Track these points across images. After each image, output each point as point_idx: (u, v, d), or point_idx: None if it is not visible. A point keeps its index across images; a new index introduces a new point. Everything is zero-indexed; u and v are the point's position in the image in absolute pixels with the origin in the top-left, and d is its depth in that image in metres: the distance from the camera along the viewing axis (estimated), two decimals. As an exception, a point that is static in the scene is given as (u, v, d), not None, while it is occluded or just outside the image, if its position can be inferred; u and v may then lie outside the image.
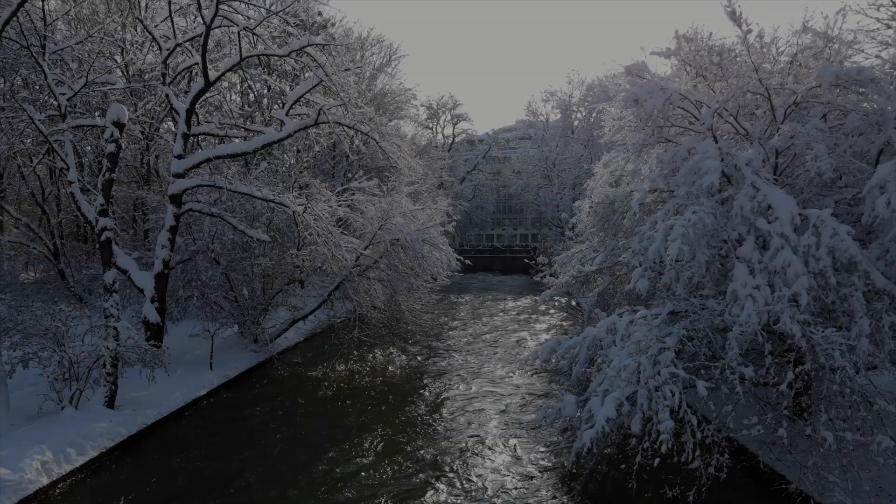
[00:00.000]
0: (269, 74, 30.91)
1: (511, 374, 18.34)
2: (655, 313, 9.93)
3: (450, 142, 69.08)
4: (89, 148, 24.86)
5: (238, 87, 32.29)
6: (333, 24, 40.02)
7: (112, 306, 13.43)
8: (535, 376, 17.58)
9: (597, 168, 14.44)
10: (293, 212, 16.92)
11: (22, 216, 25.54)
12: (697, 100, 11.52)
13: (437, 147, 61.40)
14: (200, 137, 20.04)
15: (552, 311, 32.99)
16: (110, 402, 13.26)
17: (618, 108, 12.27)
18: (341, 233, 25.67)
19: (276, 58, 18.55)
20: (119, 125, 13.60)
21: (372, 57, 45.27)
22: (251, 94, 32.99)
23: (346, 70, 17.58)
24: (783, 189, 10.45)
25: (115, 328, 13.06)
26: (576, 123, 58.50)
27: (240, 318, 20.41)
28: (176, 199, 17.25)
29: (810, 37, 13.21)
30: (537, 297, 42.33)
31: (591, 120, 57.06)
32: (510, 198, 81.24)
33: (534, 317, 31.72)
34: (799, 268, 9.10)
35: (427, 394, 16.53)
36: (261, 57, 27.10)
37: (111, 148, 13.54)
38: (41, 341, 12.89)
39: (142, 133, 20.74)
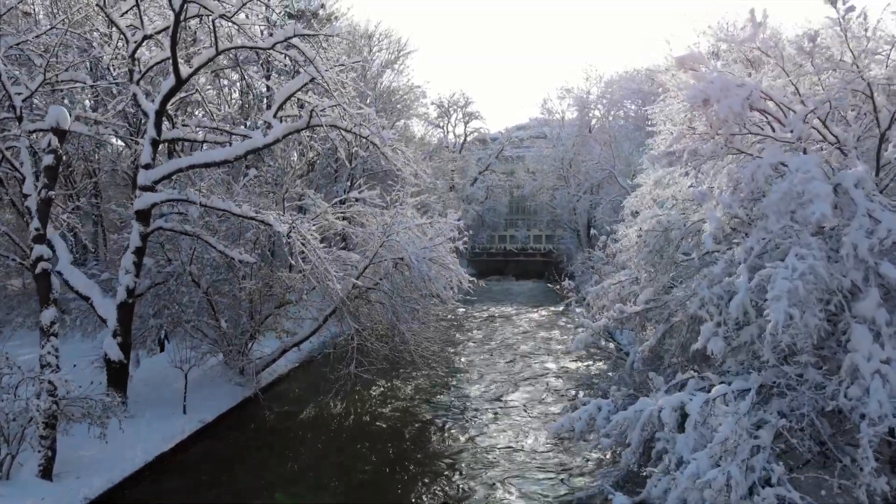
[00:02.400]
0: (268, 72, 28.58)
1: (536, 434, 15.19)
2: (740, 389, 7.35)
3: (461, 141, 66.51)
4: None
5: (238, 85, 29.99)
6: (337, 18, 37.66)
7: (49, 353, 11.06)
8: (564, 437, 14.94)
9: (643, 188, 11.74)
10: (277, 232, 14.47)
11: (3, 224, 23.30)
12: (781, 101, 8.91)
13: (447, 147, 58.82)
14: (179, 144, 17.67)
15: (574, 325, 30.38)
16: (46, 471, 10.86)
17: (681, 108, 9.67)
18: (342, 246, 23.27)
19: (262, 52, 16.11)
20: (59, 132, 11.20)
21: (379, 53, 42.81)
22: (250, 94, 30.50)
23: (340, 66, 15.03)
24: None
25: (49, 381, 10.66)
26: (594, 122, 55.65)
27: (224, 347, 18.03)
28: (143, 216, 14.86)
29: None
30: (555, 309, 39.84)
31: (611, 118, 54.20)
32: (524, 199, 78.57)
33: (553, 335, 29.15)
34: (951, 336, 6.50)
35: (436, 452, 14.02)
36: (256, 53, 24.77)
37: (48, 160, 11.14)
38: (-35, 396, 10.55)
39: (116, 138, 18.41)
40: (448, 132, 66.19)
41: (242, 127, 25.64)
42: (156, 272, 16.22)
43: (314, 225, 19.85)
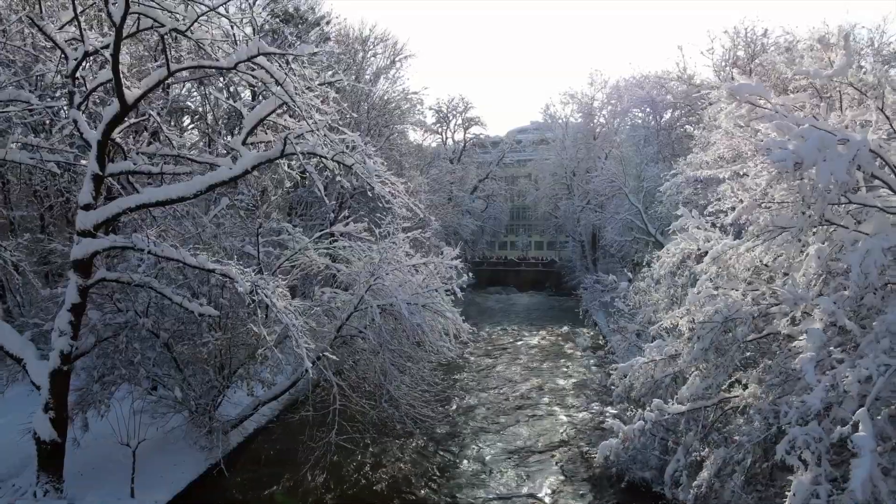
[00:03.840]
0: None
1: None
2: None
3: (460, 148, 63.98)
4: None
5: (225, 91, 27.64)
6: (328, 22, 35.29)
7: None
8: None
9: (682, 246, 9.45)
10: (240, 292, 12.13)
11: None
12: (892, 160, 6.61)
13: (445, 157, 56.36)
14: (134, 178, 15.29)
15: (584, 355, 28.05)
16: None
17: (759, 171, 7.33)
18: (328, 277, 20.89)
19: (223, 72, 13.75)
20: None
21: (374, 58, 40.38)
22: (239, 100, 28.09)
23: (308, 89, 12.73)
24: None
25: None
26: (598, 129, 53.31)
27: (189, 405, 15.70)
28: (83, 266, 12.54)
29: None
30: (559, 331, 37.51)
31: (616, 124, 51.84)
32: (525, 206, 76.44)
33: (560, 368, 26.81)
34: None
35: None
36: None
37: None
38: None
39: (61, 167, 16.05)
40: (447, 138, 63.80)
41: (223, 143, 23.43)
42: (103, 326, 13.88)
43: (294, 263, 17.74)
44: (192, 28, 12.01)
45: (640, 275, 14.94)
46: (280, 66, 12.15)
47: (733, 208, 7.54)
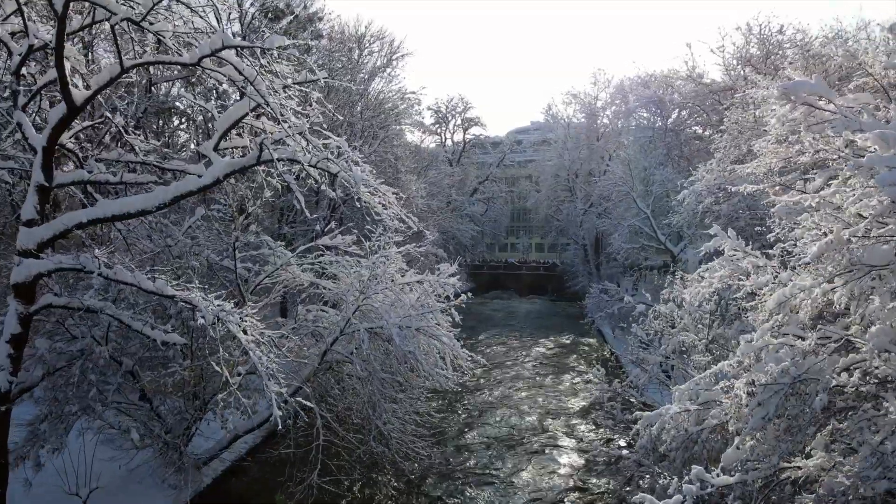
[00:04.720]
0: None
1: None
2: None
3: (460, 149, 62.34)
4: None
5: (215, 92, 26.00)
6: (321, 19, 33.69)
7: None
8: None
9: (713, 275, 7.82)
10: (203, 321, 10.51)
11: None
12: None
13: (443, 159, 54.76)
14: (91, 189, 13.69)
15: (590, 373, 26.41)
16: None
17: (860, 194, 5.74)
18: (315, 295, 19.26)
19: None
20: None
21: (370, 56, 38.77)
22: (215, 99, 26.34)
23: (285, 88, 11.14)
24: None
25: None
26: (602, 130, 51.77)
27: (156, 440, 14.13)
28: (24, 291, 10.93)
29: None
30: (563, 341, 35.96)
31: (620, 124, 50.26)
32: (526, 211, 74.94)
33: (565, 383, 25.22)
34: None
35: None
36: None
37: None
38: None
39: (15, 174, 14.50)
40: (445, 139, 62.22)
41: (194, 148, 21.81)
42: (54, 356, 12.25)
43: (275, 279, 16.20)
44: (149, 19, 10.50)
45: (661, 296, 13.33)
46: (251, 62, 10.57)
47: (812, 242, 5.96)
